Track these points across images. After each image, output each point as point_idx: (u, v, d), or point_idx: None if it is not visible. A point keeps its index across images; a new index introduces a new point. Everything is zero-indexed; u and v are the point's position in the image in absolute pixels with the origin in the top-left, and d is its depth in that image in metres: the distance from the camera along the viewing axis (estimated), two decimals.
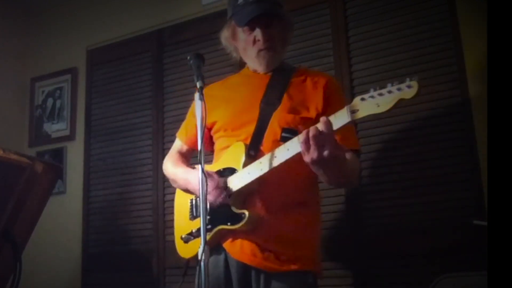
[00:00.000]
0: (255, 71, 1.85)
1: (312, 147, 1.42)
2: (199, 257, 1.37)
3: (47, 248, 3.12)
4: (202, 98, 1.52)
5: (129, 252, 2.95)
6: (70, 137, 3.28)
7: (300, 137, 1.45)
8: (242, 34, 1.78)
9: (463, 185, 2.21)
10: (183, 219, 1.84)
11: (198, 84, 1.58)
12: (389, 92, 1.37)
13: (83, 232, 3.11)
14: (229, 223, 1.64)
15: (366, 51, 2.49)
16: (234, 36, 1.83)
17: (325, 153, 1.42)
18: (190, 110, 1.99)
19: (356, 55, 2.52)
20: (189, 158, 1.99)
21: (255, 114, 1.71)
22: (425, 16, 2.38)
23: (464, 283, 1.82)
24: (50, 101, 3.41)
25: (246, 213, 1.61)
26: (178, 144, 1.99)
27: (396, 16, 2.45)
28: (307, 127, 1.59)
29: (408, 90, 1.35)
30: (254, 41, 1.75)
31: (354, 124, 1.87)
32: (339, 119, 1.43)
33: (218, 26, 1.93)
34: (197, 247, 1.68)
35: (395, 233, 2.29)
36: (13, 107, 3.46)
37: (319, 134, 1.41)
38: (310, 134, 1.42)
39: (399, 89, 1.36)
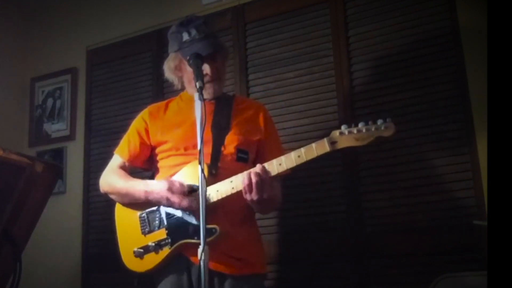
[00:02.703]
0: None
1: (254, 191, 1.66)
2: (199, 257, 1.38)
3: (47, 248, 3.12)
4: (202, 98, 1.56)
5: None
6: (70, 137, 3.28)
7: (245, 180, 1.67)
8: (189, 67, 1.84)
9: (463, 185, 2.21)
10: (131, 234, 1.88)
11: (198, 84, 1.61)
12: (367, 130, 1.61)
13: (83, 232, 3.11)
14: (196, 237, 1.69)
15: (366, 51, 2.49)
16: (179, 67, 1.95)
17: (264, 195, 1.67)
18: (132, 126, 2.01)
19: (356, 55, 2.52)
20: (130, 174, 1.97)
21: (207, 136, 1.83)
22: (425, 16, 2.38)
23: (464, 283, 1.83)
24: (50, 101, 3.41)
25: (217, 228, 1.72)
26: (119, 161, 1.99)
27: (396, 16, 2.45)
28: (255, 148, 1.92)
29: (385, 130, 1.60)
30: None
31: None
32: (320, 149, 1.65)
33: (218, 26, 1.94)
34: (156, 260, 1.79)
35: (395, 233, 2.29)
36: (13, 107, 3.46)
37: (260, 180, 1.66)
38: (253, 180, 1.66)
39: (377, 128, 1.61)
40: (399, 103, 2.37)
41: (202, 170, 1.48)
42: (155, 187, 1.80)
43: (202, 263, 1.38)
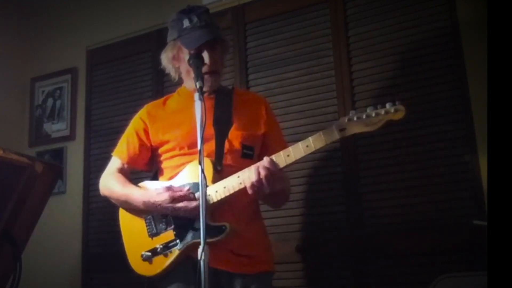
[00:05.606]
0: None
1: (265, 185, 1.61)
2: (199, 257, 1.38)
3: (47, 248, 3.12)
4: (202, 98, 1.56)
5: None
6: (70, 137, 3.28)
7: (253, 176, 1.62)
8: (188, 56, 1.80)
9: (463, 185, 2.21)
10: (138, 238, 1.82)
11: (198, 84, 1.60)
12: (377, 114, 1.56)
13: (83, 232, 3.11)
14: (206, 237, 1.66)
15: (366, 51, 2.49)
16: (177, 57, 1.89)
17: (276, 188, 1.64)
18: (130, 126, 1.96)
19: (356, 55, 2.51)
20: (130, 177, 1.93)
21: (210, 132, 1.78)
22: (425, 16, 2.38)
23: (464, 283, 1.83)
24: (50, 101, 3.42)
25: (227, 225, 1.68)
26: (117, 163, 1.94)
27: (396, 16, 2.45)
28: (260, 143, 1.87)
29: (395, 113, 1.55)
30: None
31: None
32: (328, 137, 1.61)
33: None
34: (165, 262, 1.74)
35: (395, 233, 2.29)
36: (13, 107, 3.46)
37: (269, 173, 1.61)
38: (262, 174, 1.60)
39: (386, 112, 1.56)
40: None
41: (202, 170, 1.46)
42: (156, 198, 1.74)
43: (202, 263, 1.38)
